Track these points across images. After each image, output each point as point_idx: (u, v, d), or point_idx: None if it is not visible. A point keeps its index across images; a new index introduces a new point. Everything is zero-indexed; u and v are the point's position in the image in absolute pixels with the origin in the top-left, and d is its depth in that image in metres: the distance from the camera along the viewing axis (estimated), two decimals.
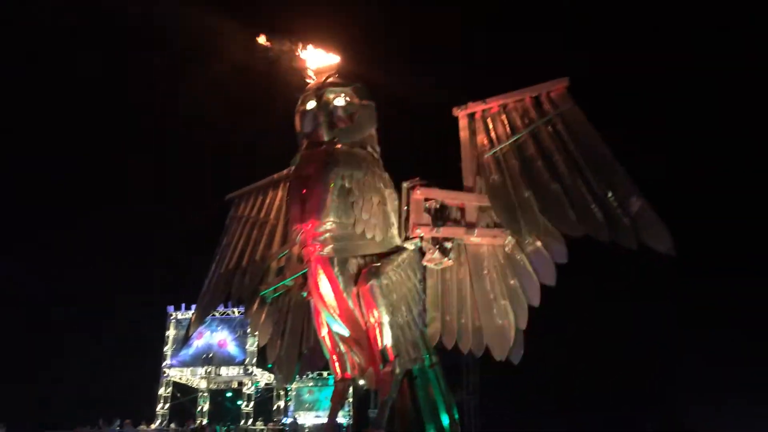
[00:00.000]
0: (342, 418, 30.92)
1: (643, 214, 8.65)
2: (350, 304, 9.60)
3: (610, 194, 8.91)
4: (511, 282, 9.66)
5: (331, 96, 10.13)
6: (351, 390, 10.92)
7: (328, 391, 31.17)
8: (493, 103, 10.44)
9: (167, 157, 35.53)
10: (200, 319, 12.97)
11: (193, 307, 30.74)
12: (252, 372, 30.29)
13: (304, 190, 9.59)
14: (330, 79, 10.43)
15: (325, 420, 31.12)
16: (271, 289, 11.34)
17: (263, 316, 11.60)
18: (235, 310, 29.99)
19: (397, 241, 10.18)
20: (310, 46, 10.93)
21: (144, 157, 35.14)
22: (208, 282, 12.38)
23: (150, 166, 35.37)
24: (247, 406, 30.67)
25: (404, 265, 10.03)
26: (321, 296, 9.71)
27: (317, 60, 11.08)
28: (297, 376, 11.52)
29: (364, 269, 9.64)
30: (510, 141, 9.99)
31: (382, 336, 9.46)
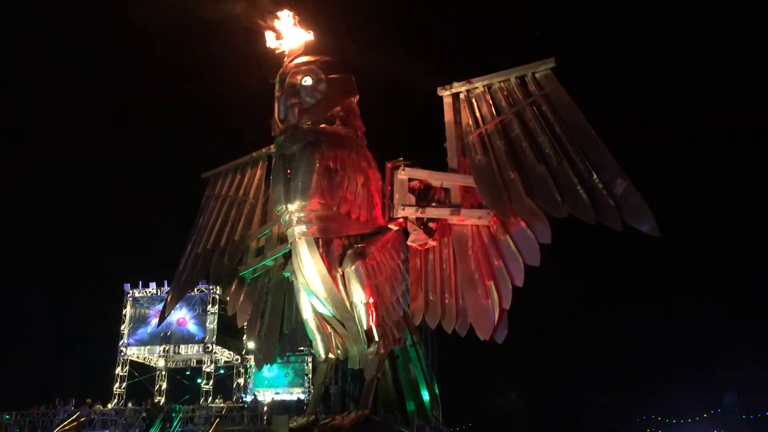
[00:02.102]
0: (302, 394, 30.92)
1: (628, 195, 8.82)
2: (335, 284, 9.53)
3: (595, 176, 9.04)
4: (496, 262, 9.71)
5: (298, 77, 9.85)
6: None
7: (288, 369, 31.20)
8: (478, 83, 10.44)
9: (124, 132, 34.36)
10: (177, 299, 12.70)
11: (151, 285, 30.25)
12: (212, 350, 29.91)
13: (289, 170, 9.40)
14: (294, 61, 10.17)
15: (284, 396, 31.13)
16: (251, 269, 11.21)
17: (242, 296, 11.47)
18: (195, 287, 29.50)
19: (382, 221, 10.16)
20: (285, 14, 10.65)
21: (99, 133, 33.85)
22: (184, 261, 12.09)
23: (105, 140, 34.11)
24: (206, 384, 30.28)
25: (388, 245, 10.03)
26: (305, 277, 9.61)
27: (291, 40, 10.73)
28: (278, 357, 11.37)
29: (349, 250, 9.59)
30: (495, 121, 10.00)
31: (367, 316, 9.46)
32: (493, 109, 10.17)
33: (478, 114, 10.28)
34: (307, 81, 9.85)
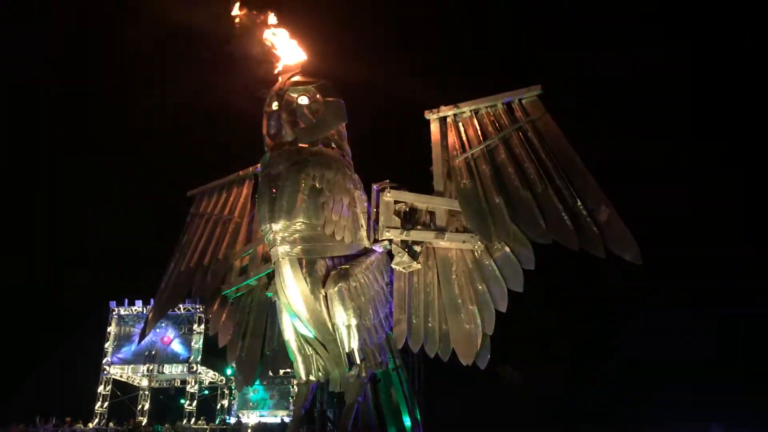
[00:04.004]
0: (287, 417, 30.57)
1: (611, 223, 8.83)
2: (318, 306, 9.49)
3: (579, 203, 9.06)
4: (479, 287, 9.69)
5: (294, 95, 9.95)
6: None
7: (273, 391, 30.84)
8: (465, 108, 10.49)
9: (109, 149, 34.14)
10: (158, 317, 12.60)
11: (137, 302, 29.96)
12: (196, 370, 29.55)
13: (274, 190, 9.41)
14: (293, 79, 10.25)
15: (269, 419, 30.78)
16: (234, 288, 11.13)
17: (224, 316, 11.32)
18: (181, 306, 29.18)
19: (366, 243, 10.11)
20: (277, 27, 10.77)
21: (83, 150, 33.63)
22: (167, 279, 12.01)
23: (90, 157, 33.88)
24: (190, 405, 29.86)
25: (372, 267, 9.97)
26: (288, 297, 9.56)
27: (286, 57, 10.92)
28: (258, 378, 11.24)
29: (333, 271, 9.55)
30: (481, 146, 10.04)
31: (349, 339, 9.40)
32: (479, 134, 10.21)
33: (464, 138, 10.32)
34: (304, 100, 9.93)
